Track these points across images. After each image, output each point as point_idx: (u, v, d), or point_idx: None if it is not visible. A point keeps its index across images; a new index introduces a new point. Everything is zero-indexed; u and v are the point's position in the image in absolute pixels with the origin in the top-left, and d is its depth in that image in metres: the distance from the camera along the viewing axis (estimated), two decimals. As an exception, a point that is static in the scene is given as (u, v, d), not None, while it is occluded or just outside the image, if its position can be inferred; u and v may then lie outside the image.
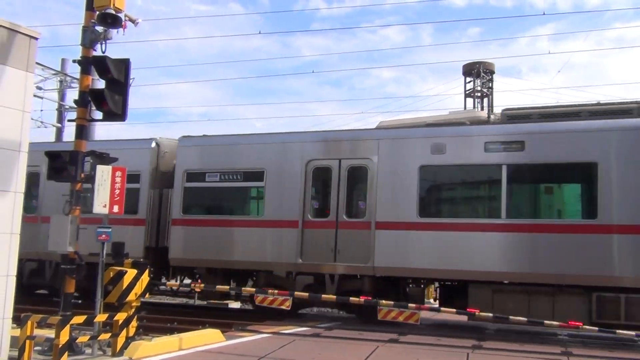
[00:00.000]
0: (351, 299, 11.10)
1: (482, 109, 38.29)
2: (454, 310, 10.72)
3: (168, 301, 18.74)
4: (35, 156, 9.47)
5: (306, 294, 11.57)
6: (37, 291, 16.29)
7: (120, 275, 8.59)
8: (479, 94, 40.59)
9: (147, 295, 9.28)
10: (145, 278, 8.91)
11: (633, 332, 9.79)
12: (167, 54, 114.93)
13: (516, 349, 10.11)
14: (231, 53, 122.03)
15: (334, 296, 11.41)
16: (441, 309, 10.81)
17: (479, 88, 40.42)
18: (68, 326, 7.48)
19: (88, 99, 8.34)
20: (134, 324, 8.73)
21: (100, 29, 8.34)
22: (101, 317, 8.34)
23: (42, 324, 8.04)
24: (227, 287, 12.08)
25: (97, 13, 8.21)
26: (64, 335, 7.41)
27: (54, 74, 25.80)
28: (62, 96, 26.51)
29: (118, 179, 8.50)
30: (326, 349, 9.65)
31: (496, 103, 39.38)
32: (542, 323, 10.18)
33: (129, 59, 8.42)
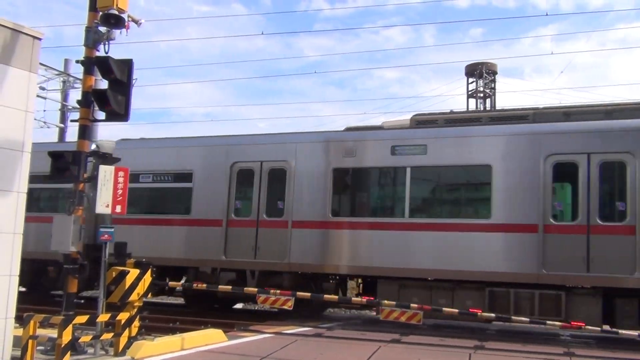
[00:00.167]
0: (353, 299, 11.12)
1: (484, 109, 38.27)
2: (457, 311, 10.72)
3: (170, 301, 18.75)
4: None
5: (308, 294, 11.56)
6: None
7: (123, 275, 8.61)
8: (481, 95, 40.55)
9: (149, 295, 9.28)
10: (147, 278, 8.92)
11: (636, 332, 9.76)
12: (170, 54, 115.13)
13: (518, 349, 10.10)
14: (234, 53, 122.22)
15: (336, 296, 11.43)
16: (443, 309, 10.79)
17: (481, 89, 40.38)
18: (70, 326, 7.50)
19: (91, 99, 8.36)
20: (136, 323, 8.75)
21: (103, 29, 8.36)
22: (104, 317, 8.36)
23: (44, 323, 8.07)
24: (230, 288, 12.06)
25: (100, 14, 8.23)
26: (67, 335, 7.43)
27: (57, 75, 25.84)
28: (65, 96, 26.55)
29: (121, 179, 8.52)
30: (328, 349, 9.65)
31: (499, 104, 39.34)
32: (544, 323, 10.18)
33: (131, 60, 8.44)
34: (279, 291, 11.20)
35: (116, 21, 8.24)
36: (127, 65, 8.42)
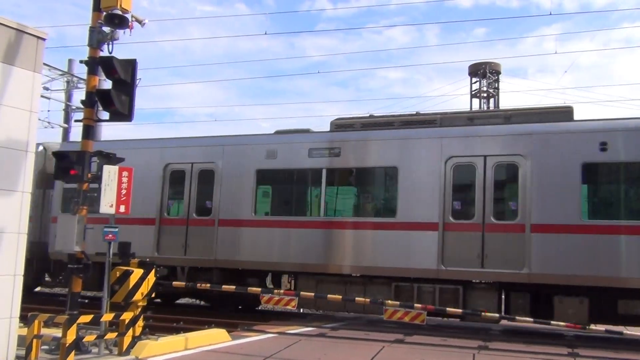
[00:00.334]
0: (357, 299, 11.12)
1: (487, 109, 38.20)
2: (460, 311, 10.72)
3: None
4: None
5: (311, 294, 11.59)
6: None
7: (127, 274, 8.62)
8: (485, 95, 40.49)
9: (153, 295, 9.29)
10: (151, 278, 8.94)
11: (640, 333, 9.75)
12: (173, 54, 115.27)
13: (522, 349, 10.08)
14: (237, 53, 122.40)
15: (339, 297, 11.43)
16: (447, 309, 10.78)
17: (485, 88, 40.32)
18: (75, 325, 7.51)
19: (95, 99, 8.36)
20: (140, 323, 8.75)
21: (107, 29, 8.36)
22: (108, 317, 8.36)
23: (49, 323, 8.09)
24: (233, 287, 12.07)
25: (104, 14, 8.23)
26: (71, 335, 7.44)
27: (60, 75, 25.88)
28: (68, 97, 26.58)
29: (125, 179, 8.53)
30: (332, 349, 9.65)
31: (502, 104, 39.30)
32: (548, 323, 10.17)
33: (135, 60, 8.45)
34: (283, 291, 11.22)
35: (120, 21, 8.25)
36: (130, 65, 8.43)
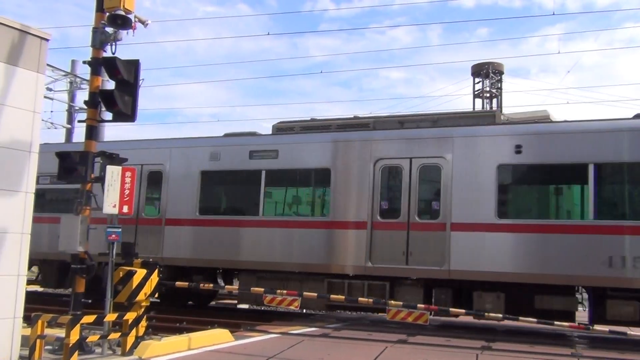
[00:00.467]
0: (360, 299, 11.11)
1: (490, 109, 38.16)
2: (464, 311, 10.70)
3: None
4: None
5: (314, 294, 11.59)
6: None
7: (130, 275, 8.63)
8: (487, 95, 40.44)
9: (156, 295, 9.30)
10: (154, 278, 8.94)
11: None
12: (176, 55, 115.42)
13: (525, 350, 10.06)
14: (240, 54, 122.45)
15: (342, 297, 11.43)
16: (450, 309, 10.77)
17: (487, 88, 40.27)
18: (78, 325, 7.52)
19: (98, 99, 8.38)
20: (143, 323, 8.76)
21: (110, 30, 8.37)
22: (111, 317, 8.38)
23: (52, 323, 8.10)
24: (236, 287, 12.09)
25: (107, 14, 8.24)
26: (74, 335, 7.45)
27: (63, 75, 25.95)
28: (72, 97, 26.66)
29: (128, 180, 8.54)
30: (335, 350, 9.64)
31: (505, 103, 39.26)
32: (552, 323, 10.15)
33: (138, 60, 8.45)
34: (286, 291, 11.23)
35: (123, 22, 8.26)
36: (134, 66, 8.43)
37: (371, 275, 12.64)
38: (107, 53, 8.42)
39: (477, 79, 40.60)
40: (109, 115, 8.69)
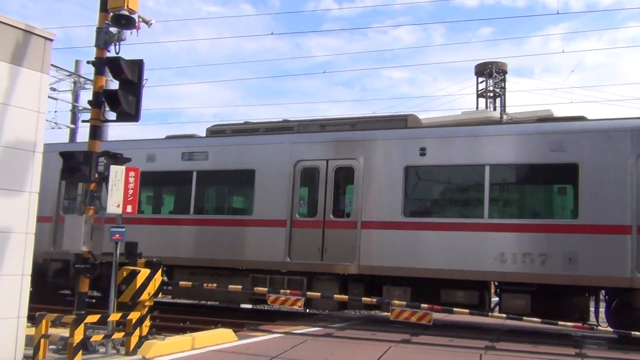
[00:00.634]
0: (363, 299, 11.10)
1: (494, 109, 38.12)
2: (467, 311, 10.68)
3: (181, 301, 18.81)
4: None
5: (318, 293, 11.60)
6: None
7: (134, 274, 8.64)
8: (491, 94, 40.40)
9: (159, 295, 9.31)
10: (158, 277, 8.95)
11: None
12: (179, 55, 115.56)
13: (529, 350, 10.05)
14: (243, 54, 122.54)
15: (346, 296, 11.43)
16: (454, 309, 10.75)
17: (491, 88, 40.23)
18: (82, 325, 7.54)
19: (102, 99, 8.40)
20: (147, 323, 8.77)
21: (114, 30, 8.38)
22: (115, 317, 8.39)
23: (56, 322, 8.12)
24: (240, 287, 12.09)
25: (111, 14, 8.26)
26: (78, 334, 7.47)
27: (67, 76, 26.02)
28: (75, 97, 26.71)
29: (132, 179, 8.55)
30: (338, 349, 9.64)
31: (509, 103, 39.22)
32: (556, 323, 10.13)
33: (142, 60, 8.47)
34: (289, 291, 11.23)
35: (127, 22, 8.27)
36: (137, 66, 8.45)
37: (290, 270, 13.34)
38: (111, 53, 8.44)
39: (481, 79, 40.58)
40: (112, 115, 8.71)
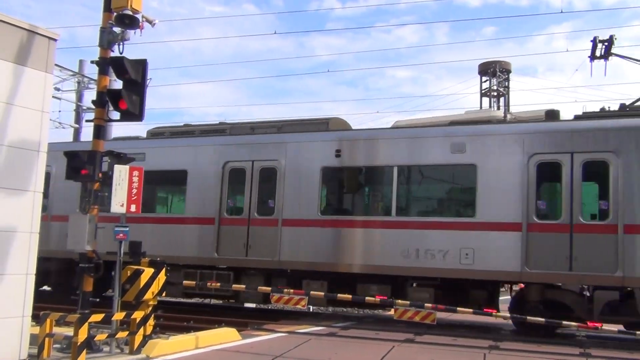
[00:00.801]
0: (367, 298, 11.11)
1: (498, 108, 38.07)
2: (471, 311, 10.67)
3: (184, 300, 18.83)
4: None
5: (321, 293, 11.61)
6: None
7: (137, 274, 8.65)
8: (495, 93, 40.33)
9: (163, 294, 9.33)
10: (162, 277, 8.97)
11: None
12: (183, 55, 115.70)
13: (533, 349, 10.02)
14: (246, 53, 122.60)
15: (349, 296, 11.44)
16: (457, 309, 10.75)
17: (495, 87, 40.16)
18: (86, 324, 7.56)
19: (106, 99, 8.40)
20: (151, 322, 8.79)
21: (117, 29, 8.39)
22: (119, 316, 8.41)
23: (60, 322, 8.16)
24: (243, 287, 12.12)
25: (115, 14, 8.25)
26: (83, 333, 7.49)
27: (71, 75, 26.06)
28: (79, 97, 26.76)
29: (135, 179, 8.56)
30: (342, 349, 9.64)
31: (512, 102, 39.13)
32: (560, 323, 10.11)
33: (146, 60, 8.45)
34: (292, 290, 11.25)
35: (130, 21, 8.26)
36: (141, 65, 8.44)
37: (219, 266, 14.07)
38: (115, 53, 8.44)
39: (485, 78, 40.50)
40: (116, 115, 8.72)
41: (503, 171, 11.87)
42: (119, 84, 8.55)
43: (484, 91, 40.40)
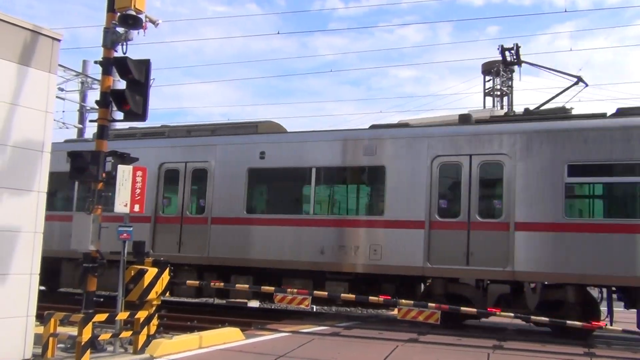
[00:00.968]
0: (370, 298, 11.10)
1: (501, 107, 37.98)
2: (475, 311, 10.65)
3: (188, 300, 18.85)
4: None
5: (325, 292, 11.62)
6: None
7: (141, 274, 8.67)
8: (498, 93, 40.25)
9: (167, 294, 9.34)
10: (165, 277, 8.98)
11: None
12: (186, 55, 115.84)
13: (538, 349, 10.00)
14: (250, 53, 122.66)
15: (353, 295, 11.44)
16: (461, 308, 10.73)
17: (498, 87, 40.06)
18: (90, 324, 7.57)
19: (109, 99, 8.42)
20: (154, 322, 8.80)
21: (121, 30, 8.40)
22: (122, 315, 8.42)
23: (64, 321, 8.17)
24: (247, 286, 12.13)
25: (119, 14, 8.27)
26: (87, 333, 7.50)
27: (75, 76, 26.15)
28: (83, 97, 26.85)
29: (139, 179, 8.57)
30: (345, 348, 9.64)
31: (516, 102, 39.02)
32: (564, 323, 10.09)
33: (149, 60, 8.47)
34: (296, 290, 11.24)
35: (134, 22, 8.28)
36: (144, 66, 8.45)
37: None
38: (118, 53, 8.46)
39: (488, 77, 40.40)
40: (120, 115, 8.73)
41: (409, 172, 12.62)
42: (122, 84, 8.57)
43: (487, 90, 40.32)
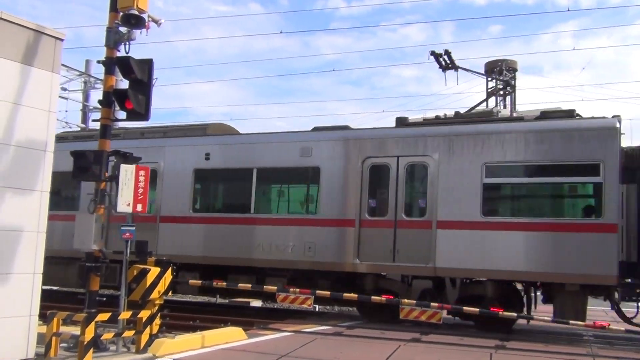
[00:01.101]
0: (373, 297, 11.10)
1: (504, 107, 37.93)
2: (477, 310, 10.64)
3: (190, 299, 18.89)
4: None
5: (327, 292, 11.61)
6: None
7: (144, 273, 8.68)
8: (501, 92, 40.19)
9: (169, 294, 9.34)
10: (168, 276, 8.99)
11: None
12: (188, 54, 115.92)
13: (540, 349, 9.99)
14: (252, 53, 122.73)
15: (355, 295, 11.44)
16: (463, 308, 10.73)
17: (501, 86, 40.00)
18: (93, 323, 7.58)
19: (112, 99, 8.43)
20: (157, 321, 8.81)
21: (123, 29, 8.41)
22: (125, 315, 8.43)
23: (67, 321, 8.18)
24: (249, 286, 12.13)
25: (121, 14, 8.27)
26: (89, 332, 7.51)
27: (78, 75, 26.19)
28: (86, 97, 26.89)
29: (142, 178, 8.58)
30: (348, 348, 9.64)
31: (519, 101, 38.98)
32: (567, 322, 10.09)
33: (152, 60, 8.48)
34: (298, 289, 11.25)
35: (136, 21, 8.28)
36: (147, 65, 8.46)
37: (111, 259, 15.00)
38: (121, 52, 8.47)
39: (490, 77, 40.29)
40: (123, 115, 8.75)
41: (341, 173, 13.22)
42: (125, 84, 8.58)
43: (490, 90, 40.25)
